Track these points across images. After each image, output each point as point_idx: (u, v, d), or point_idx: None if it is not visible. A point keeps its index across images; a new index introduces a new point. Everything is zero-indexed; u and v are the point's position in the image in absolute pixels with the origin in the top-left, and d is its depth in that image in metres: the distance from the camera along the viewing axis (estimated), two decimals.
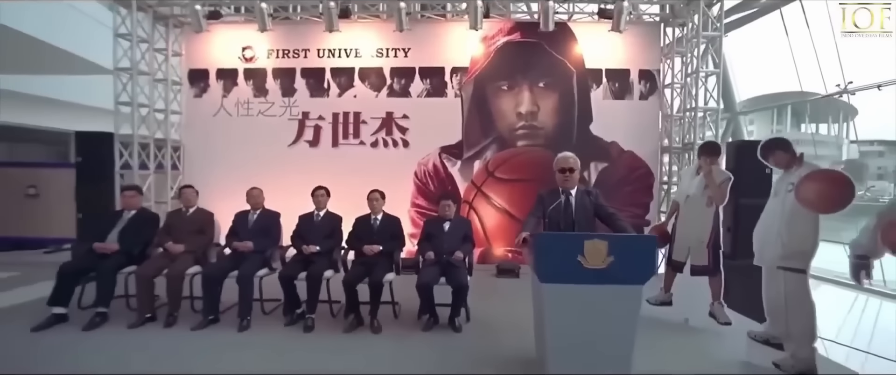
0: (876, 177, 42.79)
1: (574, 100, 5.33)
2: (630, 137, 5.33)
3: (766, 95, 11.59)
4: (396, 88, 5.47)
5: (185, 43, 5.64)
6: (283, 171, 5.28)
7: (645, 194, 5.35)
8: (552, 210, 2.47)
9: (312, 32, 5.43)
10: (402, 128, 5.48)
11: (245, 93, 5.60)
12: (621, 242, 2.00)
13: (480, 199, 5.38)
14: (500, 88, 5.39)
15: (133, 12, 4.90)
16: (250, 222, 3.54)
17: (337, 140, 5.52)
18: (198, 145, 5.66)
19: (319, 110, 5.53)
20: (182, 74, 5.64)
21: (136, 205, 3.57)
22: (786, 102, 11.13)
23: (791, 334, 2.50)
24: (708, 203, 3.29)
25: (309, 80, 5.53)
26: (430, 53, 5.40)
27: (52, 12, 6.95)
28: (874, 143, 46.84)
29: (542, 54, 5.29)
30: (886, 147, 44.94)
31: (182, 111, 5.67)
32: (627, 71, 5.31)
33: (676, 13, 5.04)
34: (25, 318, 3.10)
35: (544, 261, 2.00)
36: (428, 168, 5.47)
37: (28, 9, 6.48)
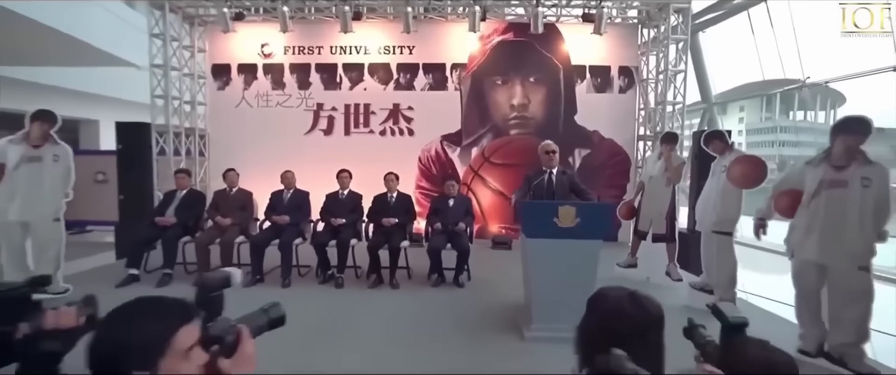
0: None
1: (561, 93, 5.98)
2: (610, 126, 6.01)
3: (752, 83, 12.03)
4: (402, 82, 6.08)
5: (209, 40, 6.18)
6: (300, 157, 5.84)
7: (623, 176, 6.06)
8: (536, 185, 3.16)
9: (326, 31, 6.00)
10: (407, 118, 6.11)
11: (264, 86, 6.17)
12: (586, 208, 2.70)
13: (477, 181, 6.06)
14: (495, 82, 6.03)
15: (166, 14, 5.43)
16: (285, 199, 4.19)
17: (349, 129, 6.14)
18: (221, 134, 6.24)
19: (332, 102, 6.13)
20: (206, 69, 6.20)
21: (186, 185, 4.21)
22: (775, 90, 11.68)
23: (719, 282, 3.24)
24: (667, 183, 4.01)
25: (323, 74, 6.12)
26: (432, 51, 6.01)
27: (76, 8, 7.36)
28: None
29: (533, 52, 5.92)
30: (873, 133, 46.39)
31: (206, 103, 6.24)
32: (608, 67, 5.96)
33: (651, 17, 5.67)
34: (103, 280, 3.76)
35: (528, 221, 2.70)
36: (430, 154, 6.12)
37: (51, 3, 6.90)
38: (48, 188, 3.19)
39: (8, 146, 3.10)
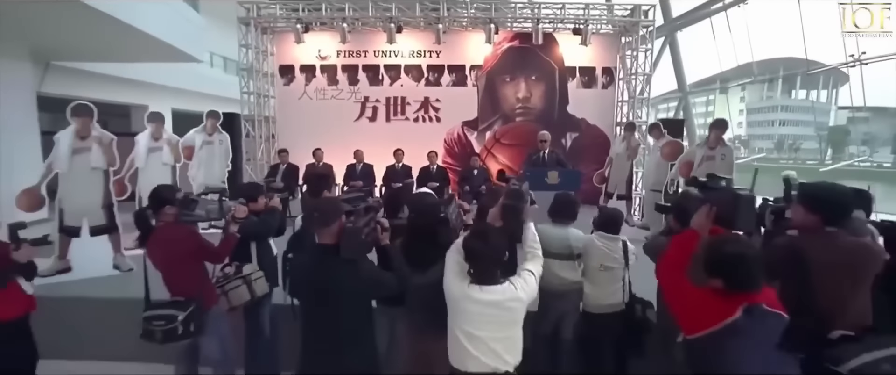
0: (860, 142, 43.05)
1: (556, 89, 7.61)
2: (595, 115, 7.66)
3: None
4: (431, 79, 7.71)
5: (277, 45, 7.77)
6: (350, 140, 7.44)
7: (604, 154, 7.62)
8: (535, 159, 4.89)
9: (370, 39, 7.58)
10: (435, 108, 7.76)
11: (321, 83, 7.79)
12: (563, 173, 4.41)
13: (490, 158, 7.76)
14: (504, 80, 7.66)
15: (252, 28, 7.04)
16: (357, 170, 5.92)
17: (389, 117, 7.80)
18: (287, 121, 7.88)
19: (376, 95, 7.77)
20: (274, 69, 7.81)
21: (286, 160, 5.93)
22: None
23: (652, 221, 5.00)
24: (627, 159, 5.72)
25: (368, 73, 7.73)
26: (455, 55, 7.61)
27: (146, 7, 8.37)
28: (862, 109, 46.86)
29: (534, 57, 7.52)
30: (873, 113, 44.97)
31: (275, 96, 7.88)
32: (594, 68, 7.57)
33: (627, 28, 7.25)
34: None
35: (529, 180, 4.43)
36: (453, 137, 7.81)
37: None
38: (218, 163, 4.92)
39: (195, 136, 4.81)
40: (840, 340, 1.64)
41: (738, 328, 1.37)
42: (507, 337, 1.67)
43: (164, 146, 4.43)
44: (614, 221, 2.68)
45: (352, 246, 1.71)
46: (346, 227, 1.77)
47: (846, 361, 1.56)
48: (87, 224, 3.47)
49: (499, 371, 1.65)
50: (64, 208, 3.44)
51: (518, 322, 1.68)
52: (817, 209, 1.71)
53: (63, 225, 3.43)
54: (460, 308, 1.65)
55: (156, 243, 2.21)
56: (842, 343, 1.64)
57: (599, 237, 2.61)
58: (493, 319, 1.63)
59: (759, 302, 1.41)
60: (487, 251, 1.61)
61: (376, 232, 1.93)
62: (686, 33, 10.06)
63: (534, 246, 1.80)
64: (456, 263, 1.71)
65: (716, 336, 1.40)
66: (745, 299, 1.39)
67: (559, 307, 2.67)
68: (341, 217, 1.81)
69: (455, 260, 1.71)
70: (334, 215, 1.79)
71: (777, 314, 1.43)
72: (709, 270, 1.44)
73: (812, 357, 1.62)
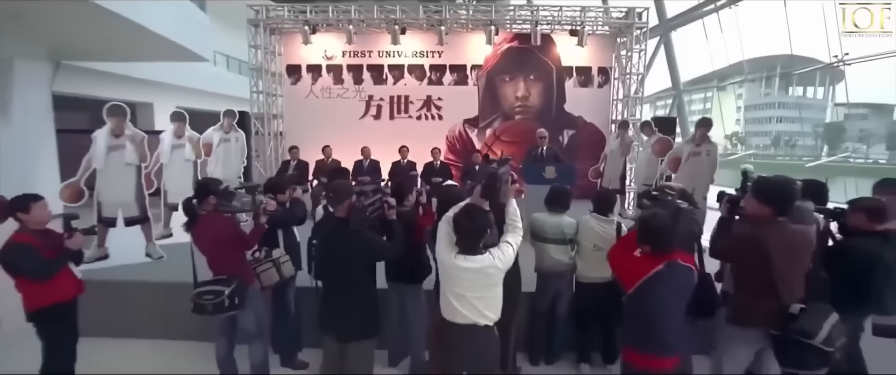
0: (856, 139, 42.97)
1: (553, 88, 7.91)
2: (591, 113, 7.96)
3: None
4: (433, 79, 8.00)
5: (284, 45, 8.04)
6: (355, 137, 7.75)
7: (599, 150, 7.97)
8: (534, 155, 5.20)
9: (375, 40, 7.86)
10: (437, 106, 8.06)
11: (327, 82, 8.07)
12: (559, 167, 4.72)
13: (491, 155, 8.06)
14: (504, 79, 7.95)
15: (261, 30, 7.31)
16: (364, 166, 6.22)
17: (393, 115, 8.09)
18: (295, 119, 8.18)
19: (380, 94, 8.05)
20: (282, 69, 8.08)
21: (297, 156, 6.23)
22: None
23: None
24: (621, 155, 6.03)
25: (372, 73, 8.02)
26: (456, 55, 7.90)
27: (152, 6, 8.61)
28: (859, 105, 46.90)
29: (533, 56, 7.82)
30: (870, 110, 44.81)
31: (283, 95, 8.16)
32: (590, 68, 7.87)
33: (622, 30, 7.55)
34: None
35: (529, 174, 4.74)
36: (455, 134, 8.11)
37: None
38: (235, 159, 5.22)
39: (213, 133, 5.10)
40: (801, 313, 1.98)
41: (661, 276, 1.94)
42: (487, 297, 2.00)
43: (186, 144, 4.71)
44: (608, 202, 2.99)
45: (357, 220, 2.19)
46: (354, 204, 2.25)
47: (816, 334, 1.93)
48: (122, 215, 3.78)
49: (480, 324, 1.99)
50: (101, 200, 3.74)
51: (497, 285, 2.01)
52: (769, 202, 2.04)
53: (101, 216, 3.73)
54: (449, 274, 2.00)
55: (200, 229, 2.52)
56: (801, 315, 1.98)
57: (594, 217, 2.91)
58: (476, 283, 1.96)
59: (675, 259, 1.95)
60: (471, 228, 1.93)
61: (384, 209, 2.41)
62: (680, 33, 10.37)
63: (514, 220, 2.11)
64: (446, 234, 2.02)
65: (646, 283, 1.96)
66: (665, 258, 1.95)
67: (554, 286, 3.00)
68: (351, 197, 2.30)
69: (445, 232, 2.02)
70: (345, 194, 2.30)
71: (688, 267, 2.00)
72: (640, 239, 2.01)
73: (785, 336, 1.99)
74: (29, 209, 2.43)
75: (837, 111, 45.41)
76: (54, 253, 2.47)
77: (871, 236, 2.37)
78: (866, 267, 2.32)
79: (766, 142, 47.72)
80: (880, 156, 37.23)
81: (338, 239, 2.22)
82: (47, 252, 2.43)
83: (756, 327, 2.11)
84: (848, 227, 2.48)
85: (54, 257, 2.46)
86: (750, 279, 2.13)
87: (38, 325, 2.51)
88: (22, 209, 2.43)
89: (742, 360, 2.18)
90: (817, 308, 2.04)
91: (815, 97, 48.28)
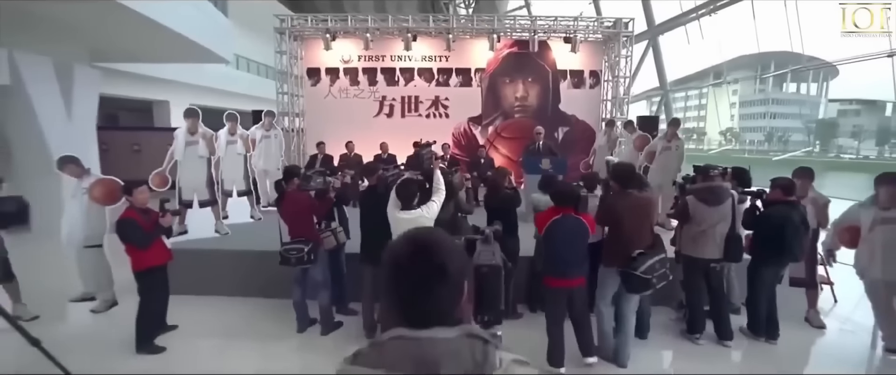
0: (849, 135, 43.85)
1: (549, 89, 8.76)
2: (583, 112, 8.82)
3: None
4: (440, 81, 8.83)
5: (304, 50, 8.84)
6: (370, 133, 8.54)
7: (590, 146, 8.89)
8: (532, 149, 6.05)
9: (388, 45, 8.67)
10: (444, 106, 8.89)
11: (344, 83, 8.88)
12: (555, 160, 5.58)
13: (492, 150, 8.90)
14: (505, 81, 8.79)
15: (286, 37, 8.12)
16: (383, 158, 7.05)
17: (404, 114, 8.91)
18: (314, 117, 8.99)
19: (393, 95, 8.87)
20: (302, 71, 8.88)
21: (322, 151, 7.06)
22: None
23: None
24: (607, 149, 6.89)
25: (385, 75, 8.83)
26: (462, 59, 8.73)
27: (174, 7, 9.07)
28: (852, 101, 47.76)
29: (531, 61, 8.65)
30: (863, 106, 45.67)
31: (303, 95, 8.96)
32: (582, 71, 8.71)
33: (611, 37, 8.39)
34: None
35: (528, 165, 5.60)
36: (460, 131, 8.95)
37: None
38: (274, 152, 6.04)
39: (256, 131, 5.92)
40: (637, 255, 2.97)
41: (559, 222, 2.91)
42: None
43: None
44: (593, 181, 3.87)
45: (382, 186, 3.31)
46: (381, 176, 3.33)
47: (640, 266, 2.91)
48: (197, 199, 4.60)
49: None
50: (181, 186, 4.56)
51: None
52: (617, 180, 3.11)
53: (181, 199, 4.55)
54: (396, 224, 2.91)
55: (286, 202, 3.37)
56: (638, 256, 2.96)
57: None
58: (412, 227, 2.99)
59: (570, 212, 2.92)
60: (405, 192, 2.92)
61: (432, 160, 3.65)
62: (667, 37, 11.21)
63: (438, 185, 3.06)
64: (394, 198, 2.98)
65: (550, 227, 2.92)
66: (564, 211, 2.92)
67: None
68: (378, 172, 3.49)
69: (393, 197, 2.99)
70: (374, 171, 3.53)
71: (578, 218, 2.94)
72: (552, 199, 3.02)
73: (623, 271, 3.00)
74: (133, 192, 3.22)
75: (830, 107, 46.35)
76: (151, 227, 3.21)
77: (784, 204, 3.28)
78: (780, 225, 3.23)
79: (759, 137, 48.76)
80: (870, 152, 38.25)
81: (371, 197, 3.30)
82: (147, 226, 3.18)
83: (615, 266, 3.08)
84: (768, 200, 3.39)
85: (151, 230, 3.21)
86: (610, 233, 3.17)
87: (139, 282, 3.22)
88: (129, 192, 3.23)
89: (612, 287, 3.15)
90: (647, 253, 2.97)
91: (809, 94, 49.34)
